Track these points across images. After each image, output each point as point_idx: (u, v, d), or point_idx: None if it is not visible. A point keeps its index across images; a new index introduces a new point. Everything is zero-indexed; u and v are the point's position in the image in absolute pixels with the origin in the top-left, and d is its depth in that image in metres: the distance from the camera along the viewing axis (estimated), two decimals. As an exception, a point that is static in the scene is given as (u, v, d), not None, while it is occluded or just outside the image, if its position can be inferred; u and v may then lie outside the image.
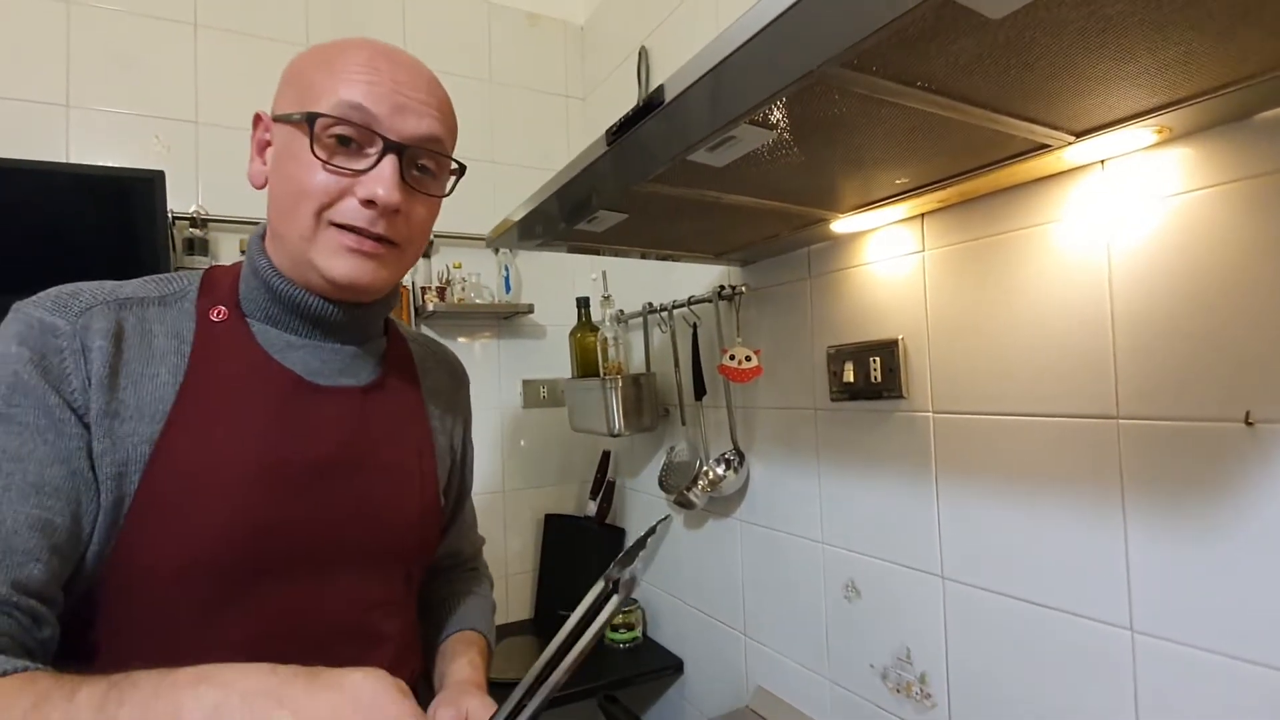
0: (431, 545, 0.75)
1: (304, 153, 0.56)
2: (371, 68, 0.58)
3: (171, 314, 0.59)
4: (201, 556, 0.54)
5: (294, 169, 0.57)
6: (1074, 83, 0.55)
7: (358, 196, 0.57)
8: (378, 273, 0.60)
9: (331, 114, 0.56)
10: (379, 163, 0.57)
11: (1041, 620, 0.79)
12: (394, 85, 0.58)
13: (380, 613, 0.65)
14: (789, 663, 1.19)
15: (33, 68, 1.37)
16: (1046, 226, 0.79)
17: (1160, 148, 0.69)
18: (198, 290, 0.61)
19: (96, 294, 0.56)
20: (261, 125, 0.62)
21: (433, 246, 1.71)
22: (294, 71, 0.61)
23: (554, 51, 1.95)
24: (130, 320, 0.56)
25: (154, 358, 0.56)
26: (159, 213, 1.32)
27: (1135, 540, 0.71)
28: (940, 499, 0.91)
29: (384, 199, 0.57)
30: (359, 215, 0.57)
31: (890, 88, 0.54)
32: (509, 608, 1.80)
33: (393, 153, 0.58)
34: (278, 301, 0.62)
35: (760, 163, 0.71)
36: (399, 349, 0.74)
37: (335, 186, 0.57)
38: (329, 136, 0.56)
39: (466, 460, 0.85)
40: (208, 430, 0.56)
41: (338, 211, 0.57)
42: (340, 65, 0.58)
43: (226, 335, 0.60)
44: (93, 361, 0.53)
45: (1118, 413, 0.72)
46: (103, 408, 0.53)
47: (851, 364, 1.03)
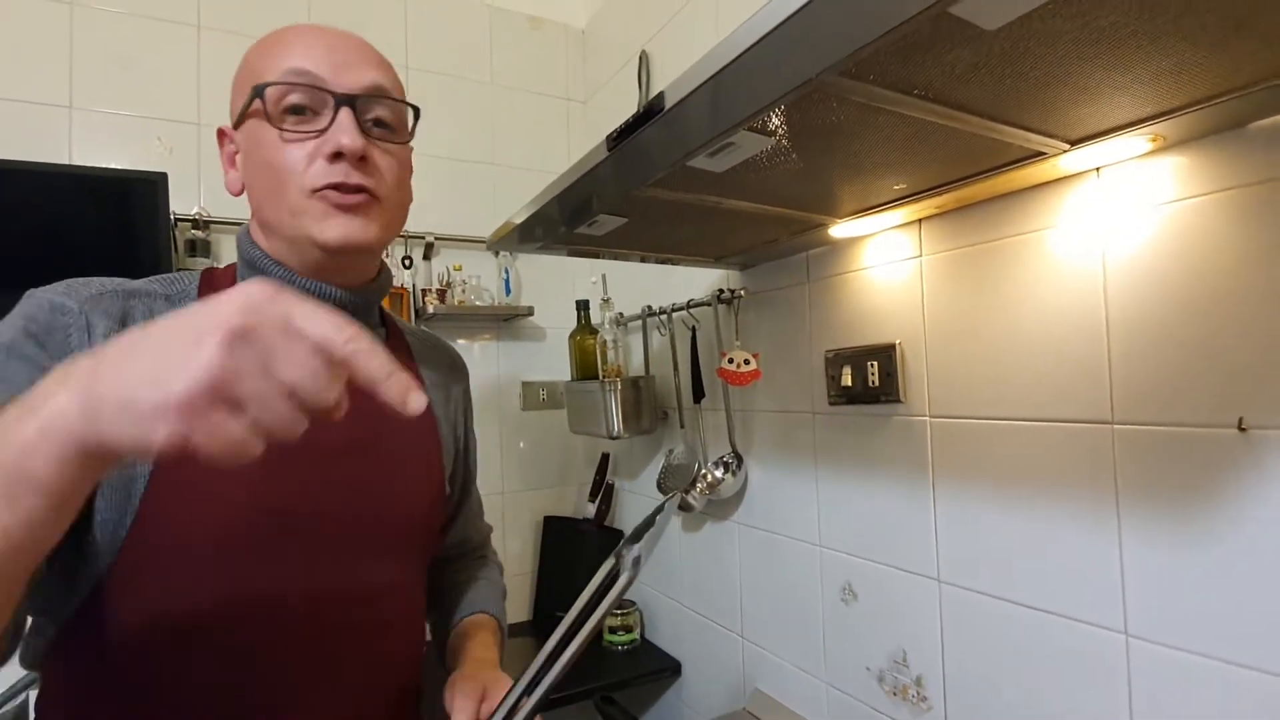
0: (438, 531, 0.76)
1: (266, 134, 0.58)
2: (305, 37, 0.60)
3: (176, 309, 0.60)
4: (215, 539, 0.55)
5: (262, 154, 0.59)
6: (1068, 92, 0.55)
7: (324, 154, 0.58)
8: (367, 228, 0.61)
9: (277, 80, 0.58)
10: (335, 117, 0.59)
11: (1037, 624, 0.80)
12: (329, 47, 0.60)
13: (390, 598, 0.66)
14: (786, 665, 1.20)
15: (35, 69, 1.37)
16: (1042, 233, 0.79)
17: (1154, 156, 0.69)
18: (197, 289, 0.63)
19: (107, 284, 0.58)
20: (226, 139, 0.64)
21: (433, 249, 1.71)
22: (239, 72, 0.63)
23: (555, 55, 1.95)
24: (139, 310, 0.58)
25: None
26: (161, 214, 1.33)
27: (1130, 545, 0.71)
28: (937, 503, 0.92)
29: (348, 146, 0.57)
30: (332, 171, 0.58)
31: (887, 96, 0.54)
32: (507, 609, 1.79)
33: (345, 105, 0.59)
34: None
35: (759, 168, 0.71)
36: (398, 342, 0.76)
37: (302, 153, 0.58)
38: (282, 110, 0.58)
39: (470, 449, 0.86)
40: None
41: (312, 175, 0.58)
42: (275, 43, 0.60)
43: None
44: (98, 340, 0.53)
45: (1112, 418, 0.72)
46: None
47: (849, 368, 1.03)
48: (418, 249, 1.70)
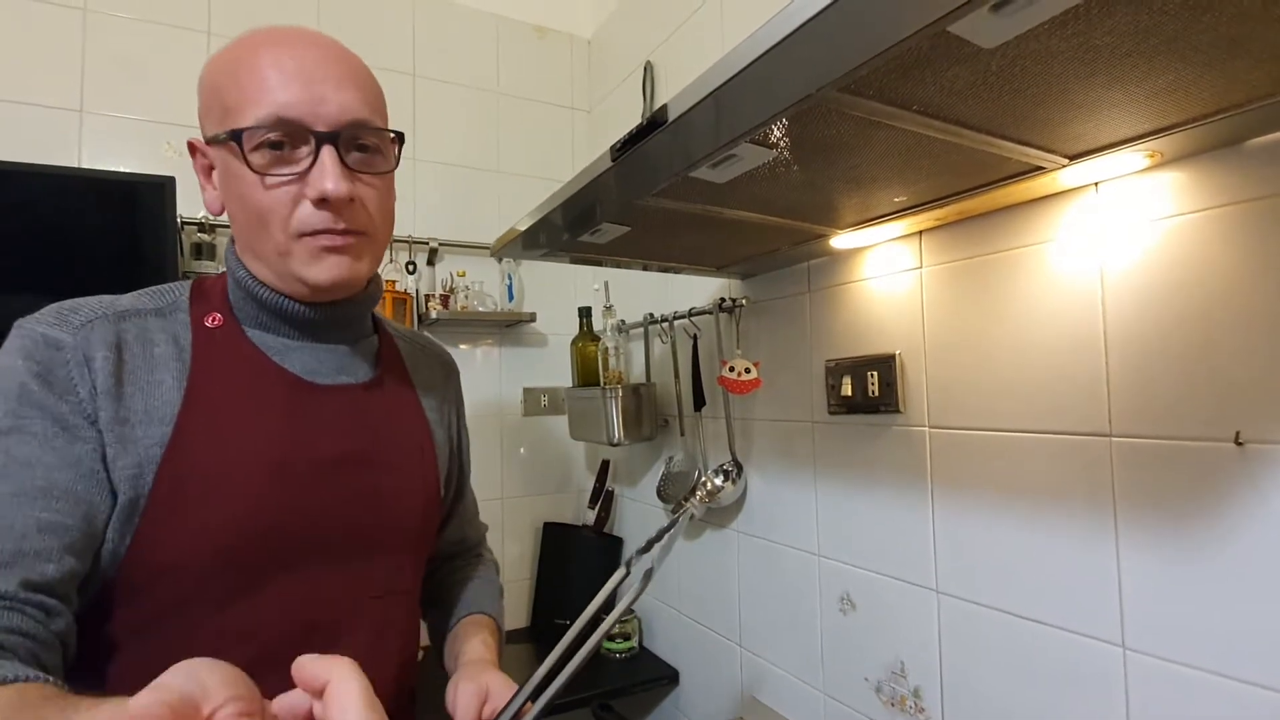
0: (434, 533, 0.77)
1: (243, 171, 0.56)
2: (278, 66, 0.56)
3: (168, 324, 0.60)
4: (217, 550, 0.56)
5: (242, 190, 0.58)
6: (1065, 109, 0.56)
7: (310, 198, 0.57)
8: (355, 266, 0.61)
9: (254, 125, 0.55)
10: (316, 157, 0.56)
11: (1034, 636, 0.80)
12: (306, 78, 0.56)
13: (386, 601, 0.67)
14: (783, 674, 1.19)
15: (47, 74, 1.39)
16: (1041, 246, 0.80)
17: (1151, 172, 0.70)
18: (188, 300, 0.63)
19: (96, 308, 0.58)
20: (198, 153, 0.63)
21: (437, 255, 1.72)
22: (207, 88, 0.60)
23: (561, 64, 1.97)
24: (131, 331, 0.58)
25: (157, 365, 0.58)
26: (168, 218, 1.34)
27: (1127, 557, 0.72)
28: (935, 513, 0.92)
29: (333, 192, 0.56)
30: (319, 219, 0.57)
31: (886, 111, 0.55)
32: (506, 616, 1.79)
33: (327, 143, 0.57)
34: (265, 309, 0.63)
35: (761, 180, 0.72)
36: (389, 346, 0.76)
37: (286, 197, 0.57)
38: (259, 149, 0.56)
39: (464, 449, 0.87)
40: (217, 430, 0.58)
41: (299, 221, 0.57)
42: (247, 73, 0.57)
43: (224, 340, 0.62)
44: (97, 372, 0.54)
45: (1110, 431, 0.73)
46: (112, 415, 0.54)
47: (849, 378, 1.04)
48: (422, 254, 1.71)
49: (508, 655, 1.58)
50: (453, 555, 0.89)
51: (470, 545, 0.91)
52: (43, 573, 0.49)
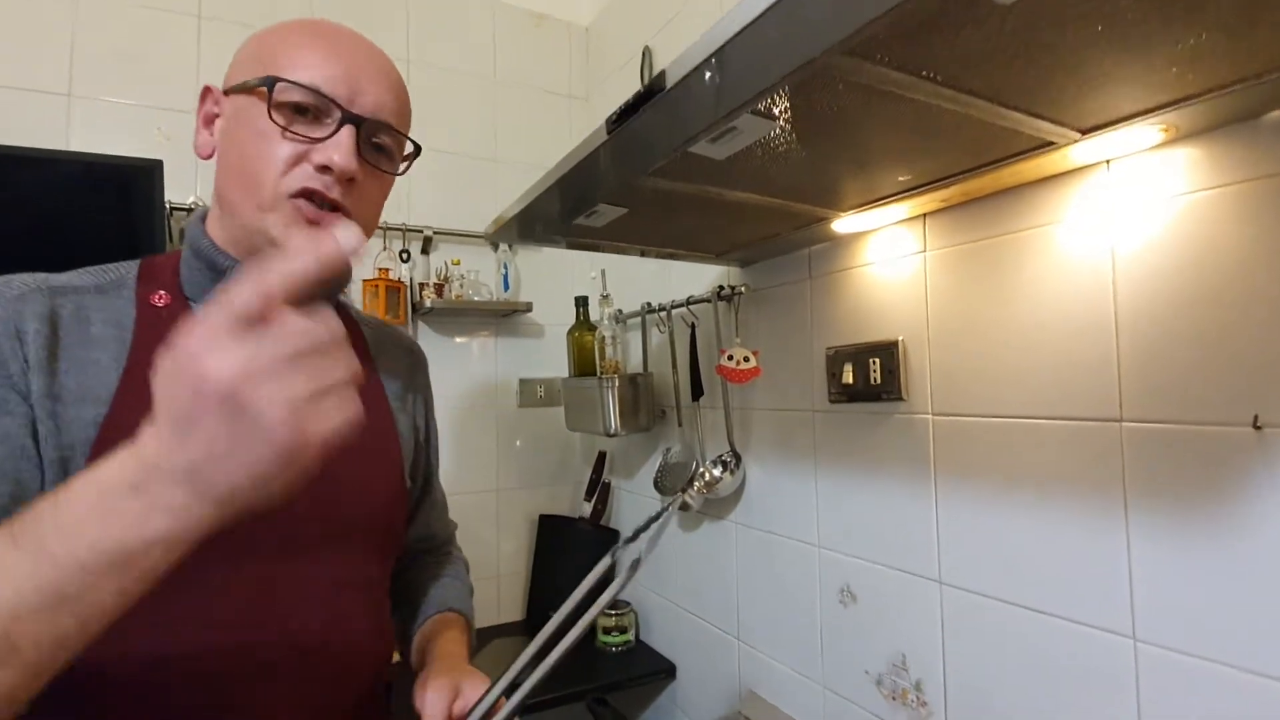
0: (400, 527, 0.74)
1: (260, 119, 0.56)
2: (332, 42, 0.59)
3: (110, 302, 0.58)
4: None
5: (248, 136, 0.57)
6: (1082, 77, 0.54)
7: (313, 162, 0.57)
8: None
9: (290, 80, 0.56)
10: (337, 131, 0.57)
11: (1042, 627, 0.78)
12: (353, 67, 0.59)
13: (350, 594, 0.64)
14: (782, 668, 1.18)
15: (36, 56, 1.36)
16: (1049, 227, 0.78)
17: (1166, 147, 0.68)
18: (136, 278, 0.61)
19: (29, 281, 0.56)
20: (210, 98, 0.62)
21: (431, 243, 1.70)
22: (253, 46, 0.61)
23: (558, 52, 1.94)
24: (66, 307, 0.55)
25: (93, 343, 0.55)
26: (156, 202, 1.31)
27: (1138, 546, 0.70)
28: (939, 503, 0.90)
29: (340, 164, 0.56)
30: (314, 179, 0.57)
31: (895, 78, 0.53)
32: (500, 608, 1.78)
33: (350, 124, 0.58)
34: (222, 280, 0.61)
35: (761, 157, 0.70)
36: (352, 331, 0.73)
37: (291, 153, 0.56)
38: (286, 104, 0.56)
39: (431, 441, 0.84)
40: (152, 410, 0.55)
41: (292, 177, 0.56)
42: (300, 38, 0.58)
43: (171, 320, 0.58)
44: (29, 345, 0.52)
45: (1121, 416, 0.71)
46: (44, 390, 0.52)
47: (851, 365, 1.02)
48: (416, 243, 1.68)
49: (500, 649, 1.57)
50: (421, 553, 0.86)
51: (438, 543, 0.89)
52: None
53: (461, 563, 0.90)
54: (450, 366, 1.74)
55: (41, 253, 1.24)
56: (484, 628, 1.73)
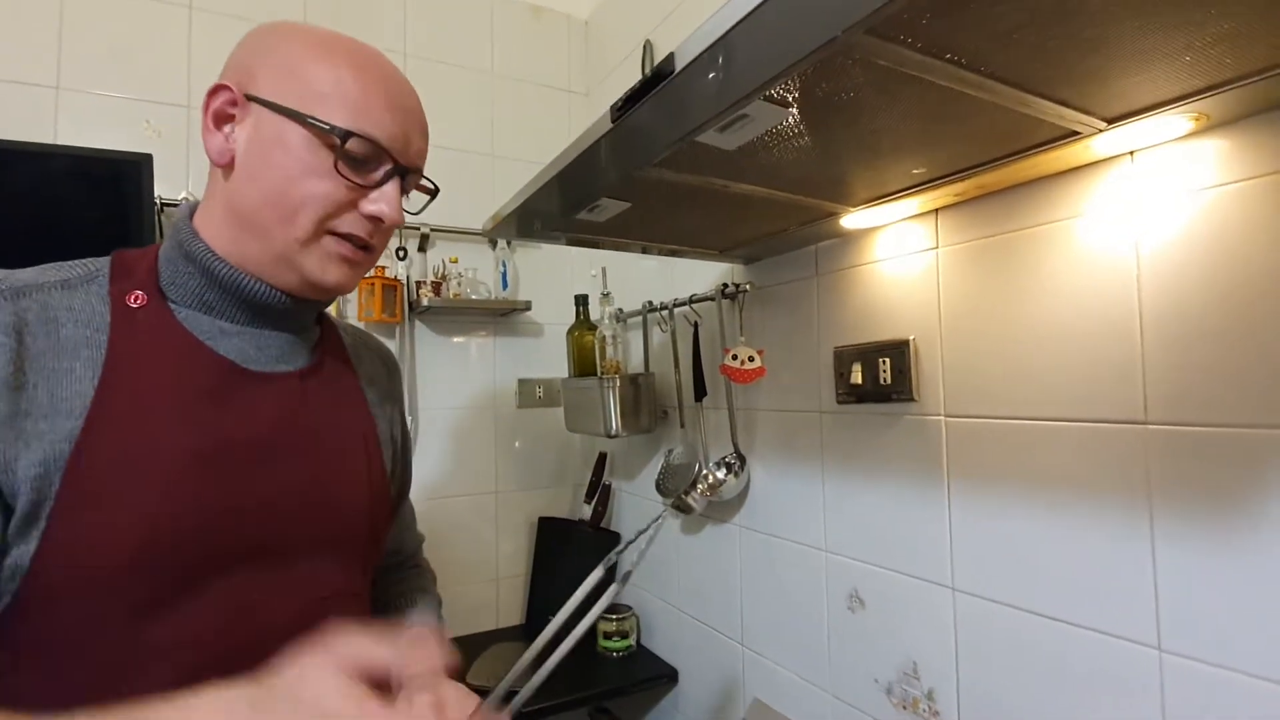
0: (382, 533, 0.72)
1: (313, 157, 0.56)
2: (386, 94, 0.59)
3: (79, 299, 0.54)
4: (136, 551, 0.49)
5: (294, 167, 0.56)
6: (1117, 59, 0.51)
7: (362, 211, 0.59)
8: (357, 277, 0.63)
9: (361, 135, 0.56)
10: (385, 181, 0.59)
11: (1060, 636, 0.75)
12: (406, 117, 0.61)
13: (334, 604, 0.62)
14: (787, 674, 1.15)
15: (23, 48, 1.32)
16: (1069, 222, 0.75)
17: (1194, 138, 0.65)
18: (108, 275, 0.57)
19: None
20: (225, 97, 0.58)
21: (429, 240, 1.67)
22: (285, 59, 0.57)
23: (557, 45, 1.91)
24: (32, 310, 0.51)
25: (65, 349, 0.51)
26: (145, 197, 1.28)
27: (1163, 553, 0.67)
28: (952, 507, 0.87)
29: (389, 216, 0.59)
30: (361, 227, 0.59)
31: (918, 60, 0.50)
32: (499, 612, 1.75)
33: (400, 176, 0.60)
34: (217, 287, 0.59)
35: (771, 148, 0.67)
36: (331, 336, 0.72)
37: (340, 197, 0.57)
38: (347, 153, 0.57)
39: (407, 451, 0.84)
40: (136, 421, 0.52)
41: (342, 222, 0.58)
42: (354, 80, 0.57)
43: (148, 322, 0.56)
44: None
45: (1145, 418, 0.68)
46: (10, 409, 0.48)
47: (859, 365, 0.99)
48: (413, 240, 1.65)
49: (499, 654, 1.53)
50: (391, 566, 0.85)
51: (407, 555, 0.88)
52: None
53: (429, 575, 0.89)
54: (448, 366, 1.71)
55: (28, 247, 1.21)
56: (482, 632, 1.70)
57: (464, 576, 1.70)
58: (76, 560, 0.48)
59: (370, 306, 1.55)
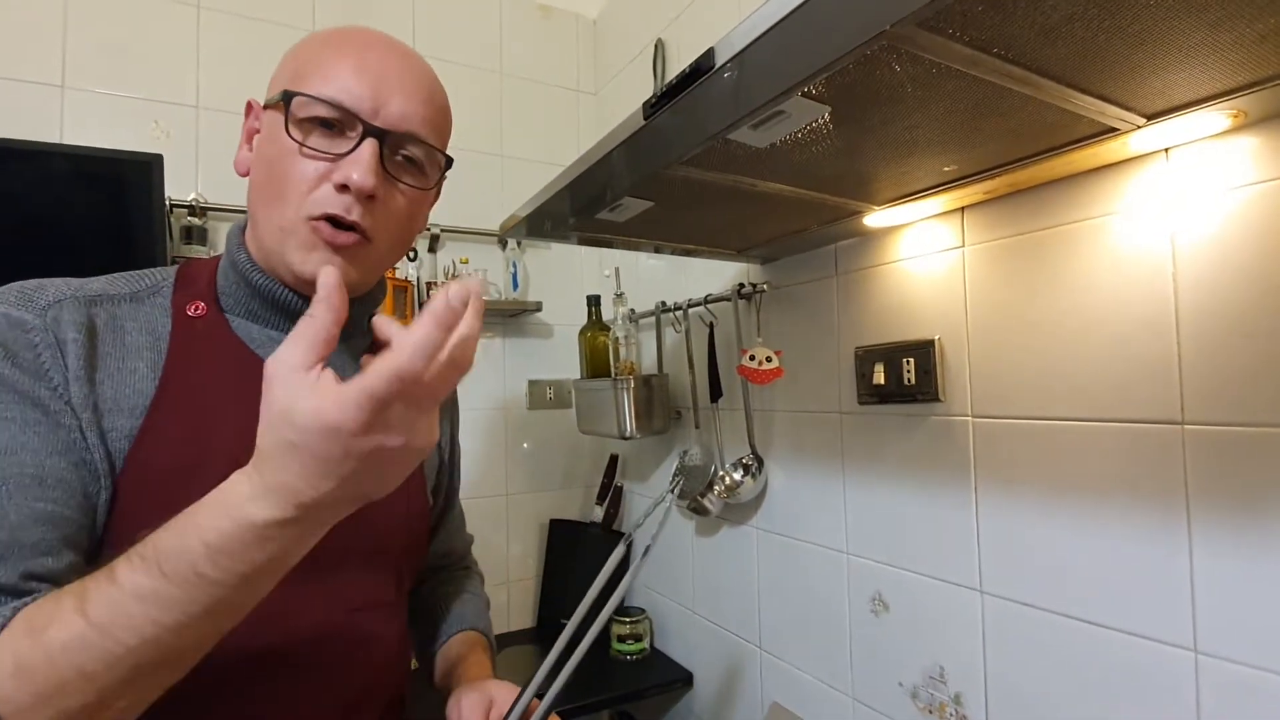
0: (420, 546, 0.73)
1: (281, 136, 0.54)
2: (362, 52, 0.56)
3: (145, 311, 0.57)
4: None
5: (272, 153, 0.55)
6: (1162, 53, 0.50)
7: (333, 181, 0.54)
8: (347, 272, 0.57)
9: (310, 94, 0.53)
10: (357, 146, 0.54)
11: (1092, 639, 0.74)
12: (382, 78, 0.56)
13: (369, 614, 0.62)
14: (808, 678, 1.14)
15: (29, 47, 1.31)
16: (1103, 219, 0.74)
17: (1231, 135, 0.64)
18: (173, 286, 0.59)
19: (63, 289, 0.53)
20: (253, 113, 0.60)
21: (439, 241, 1.65)
22: (288, 58, 0.59)
23: (566, 45, 1.90)
24: (101, 316, 0.54)
25: (129, 353, 0.54)
26: (155, 199, 1.26)
27: (1201, 554, 0.66)
28: (980, 508, 0.86)
29: (358, 182, 0.53)
30: (334, 201, 0.55)
31: (963, 54, 0.49)
32: (510, 615, 1.73)
33: (372, 137, 0.55)
34: (257, 296, 0.60)
35: (802, 146, 0.66)
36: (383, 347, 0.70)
37: (313, 172, 0.54)
38: (307, 118, 0.54)
39: (455, 460, 0.84)
40: (189, 426, 0.53)
41: (314, 201, 0.54)
42: (331, 49, 0.56)
43: (206, 331, 0.58)
44: (69, 354, 0.50)
45: (1183, 418, 0.67)
46: (83, 400, 0.50)
47: (882, 365, 0.98)
48: (423, 241, 1.64)
49: (511, 656, 1.52)
50: (440, 567, 0.87)
51: (457, 557, 0.89)
52: (44, 565, 0.45)
53: (478, 577, 0.91)
54: (457, 367, 1.69)
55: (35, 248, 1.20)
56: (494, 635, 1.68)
57: (474, 579, 1.69)
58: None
59: (382, 309, 1.53)
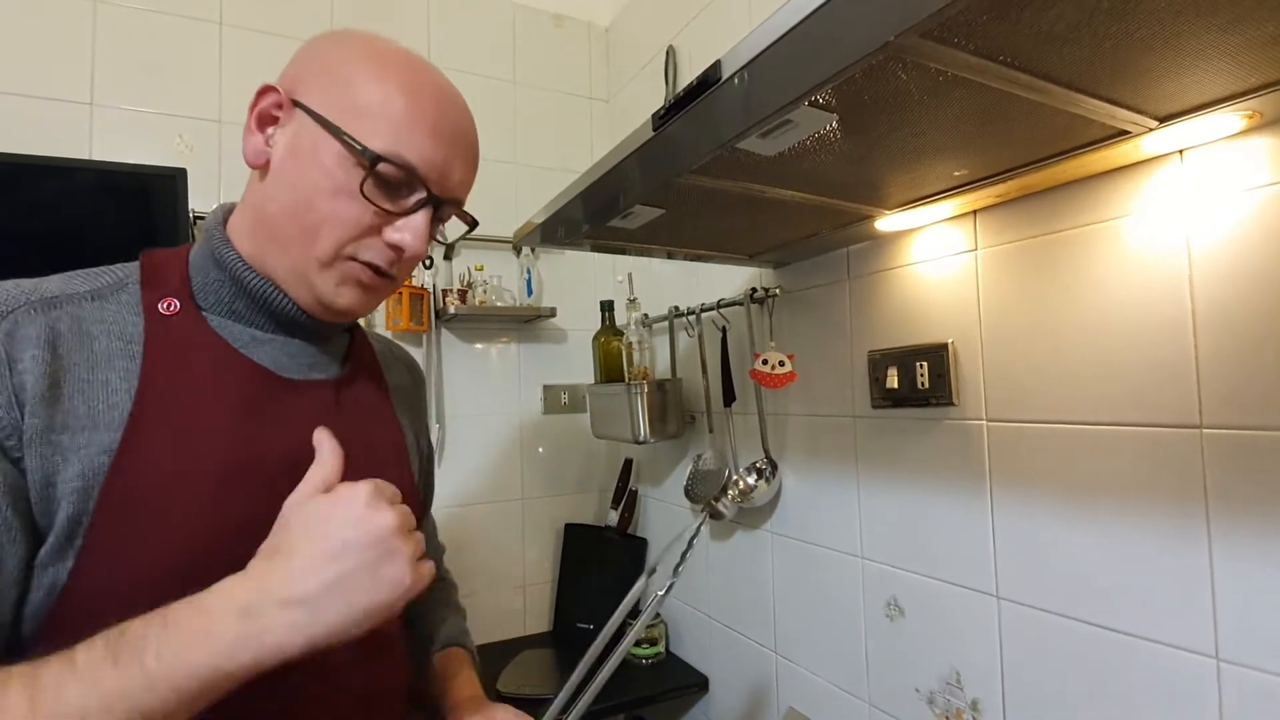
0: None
1: (344, 175, 0.54)
2: (435, 118, 0.57)
3: (111, 310, 0.52)
4: (179, 566, 0.48)
5: (322, 182, 0.54)
6: (1172, 57, 0.50)
7: (386, 239, 0.56)
8: (372, 303, 0.61)
9: (393, 161, 0.54)
10: (416, 211, 0.57)
11: (1111, 646, 0.73)
12: (452, 145, 0.58)
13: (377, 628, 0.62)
14: (823, 683, 1.13)
15: (57, 65, 1.35)
16: (1117, 222, 0.73)
17: (1246, 136, 0.64)
18: (139, 281, 0.55)
19: (17, 295, 0.49)
20: (270, 99, 0.56)
21: (454, 249, 1.67)
22: (337, 68, 0.56)
23: (578, 53, 1.92)
24: (64, 322, 0.50)
25: (99, 362, 0.50)
26: (180, 211, 1.30)
27: (1222, 559, 0.65)
28: (995, 513, 0.86)
29: (412, 248, 0.57)
30: (382, 256, 0.57)
31: (970, 63, 0.49)
32: (526, 619, 1.75)
33: (431, 206, 0.58)
34: (245, 296, 0.57)
35: (811, 153, 0.67)
36: (361, 344, 0.71)
37: (364, 221, 0.55)
38: (379, 177, 0.55)
39: (431, 463, 0.82)
40: (177, 432, 0.51)
41: (362, 247, 0.56)
42: (403, 98, 0.55)
43: (182, 330, 0.54)
44: (24, 374, 0.46)
45: (1201, 422, 0.66)
46: (46, 423, 0.46)
47: (895, 369, 0.98)
48: (438, 249, 1.66)
49: (529, 660, 1.54)
50: None
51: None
52: None
53: (453, 587, 0.88)
54: (474, 373, 1.71)
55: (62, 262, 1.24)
56: (510, 639, 1.70)
57: (491, 583, 1.70)
58: (115, 577, 0.47)
59: (398, 315, 1.56)
